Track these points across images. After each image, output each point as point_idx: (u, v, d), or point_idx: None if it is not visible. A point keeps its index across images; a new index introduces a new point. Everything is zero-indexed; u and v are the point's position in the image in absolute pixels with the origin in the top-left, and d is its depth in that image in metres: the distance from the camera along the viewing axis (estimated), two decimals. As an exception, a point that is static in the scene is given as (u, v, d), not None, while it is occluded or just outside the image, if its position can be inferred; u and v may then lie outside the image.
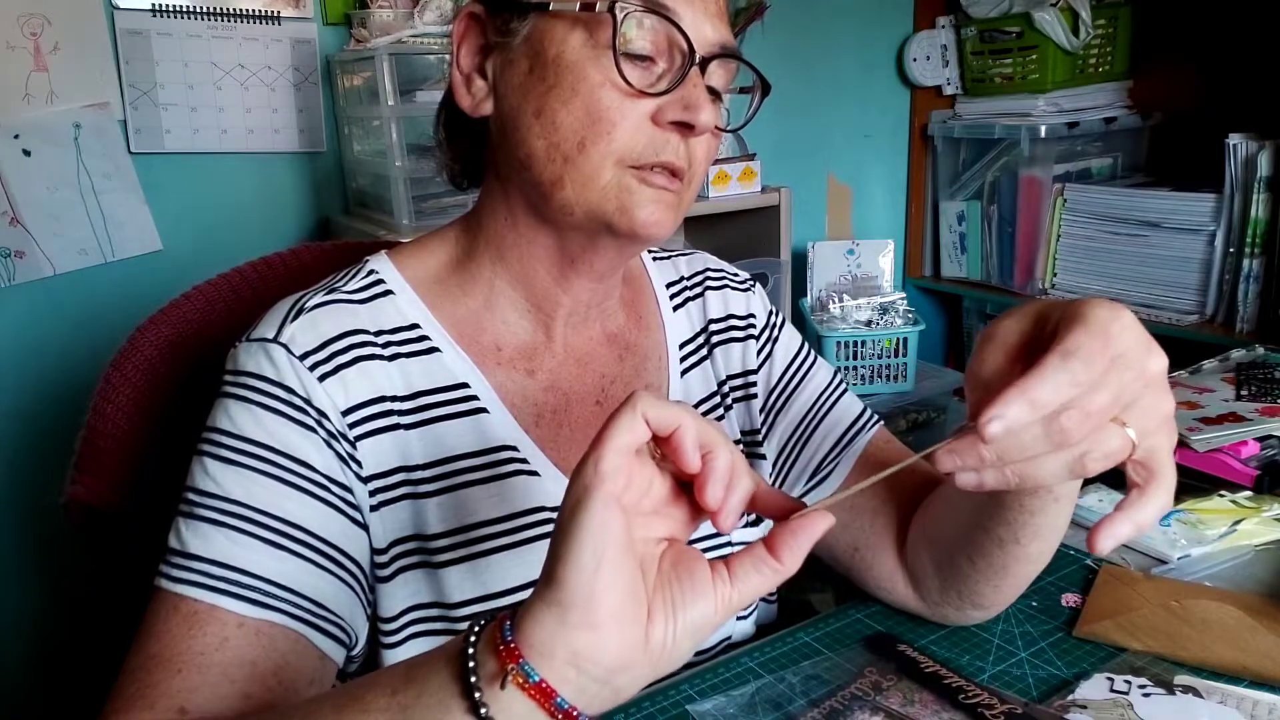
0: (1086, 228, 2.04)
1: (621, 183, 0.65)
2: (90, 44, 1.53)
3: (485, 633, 0.45)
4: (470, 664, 0.44)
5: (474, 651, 0.44)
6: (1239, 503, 0.93)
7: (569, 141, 0.65)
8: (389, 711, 0.46)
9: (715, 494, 0.46)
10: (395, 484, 0.69)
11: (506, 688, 0.42)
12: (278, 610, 0.61)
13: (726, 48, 0.67)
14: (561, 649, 0.43)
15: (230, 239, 1.67)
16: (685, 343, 0.84)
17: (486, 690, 0.43)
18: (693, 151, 0.67)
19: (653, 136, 0.65)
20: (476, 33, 0.70)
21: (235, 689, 0.59)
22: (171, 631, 0.60)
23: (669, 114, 0.64)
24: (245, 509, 0.62)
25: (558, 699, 0.43)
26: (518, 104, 0.67)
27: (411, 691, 0.46)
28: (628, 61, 0.64)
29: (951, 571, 0.72)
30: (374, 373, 0.68)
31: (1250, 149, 1.75)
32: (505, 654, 0.43)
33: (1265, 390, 1.09)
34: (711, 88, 0.68)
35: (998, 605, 0.74)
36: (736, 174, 1.80)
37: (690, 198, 0.70)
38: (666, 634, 0.45)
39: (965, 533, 0.69)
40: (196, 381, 0.81)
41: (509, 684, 0.42)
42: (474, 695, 0.43)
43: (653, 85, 0.65)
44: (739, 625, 0.82)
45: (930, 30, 2.30)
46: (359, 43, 1.61)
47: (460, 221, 0.77)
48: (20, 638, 1.64)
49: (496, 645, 0.43)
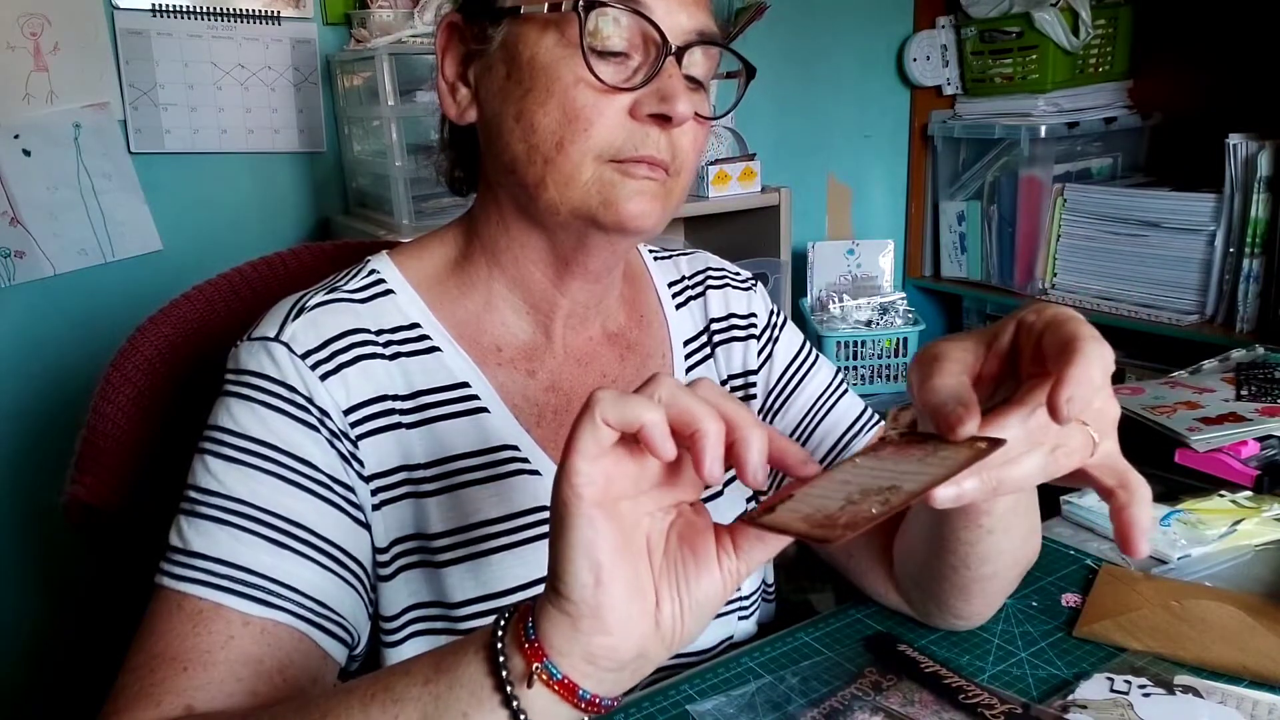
0: (1086, 228, 2.04)
1: (603, 178, 0.65)
2: (90, 44, 1.53)
3: (510, 629, 0.47)
4: (500, 659, 0.46)
5: (501, 647, 0.46)
6: (1239, 503, 0.93)
7: (548, 143, 0.65)
8: (421, 701, 0.48)
9: (712, 470, 0.45)
10: (397, 483, 0.69)
11: (534, 685, 0.45)
12: (282, 609, 0.61)
13: (704, 34, 0.66)
14: (578, 650, 0.45)
15: (230, 239, 1.67)
16: (689, 340, 0.84)
17: (517, 685, 0.46)
18: (676, 142, 0.66)
19: (632, 131, 0.64)
20: (457, 41, 0.71)
21: (242, 687, 0.59)
22: (176, 629, 0.60)
23: (646, 107, 0.64)
24: (248, 507, 0.62)
25: (580, 692, 0.46)
26: (498, 109, 0.68)
27: (443, 682, 0.48)
28: (600, 58, 0.64)
29: (927, 586, 0.73)
30: (375, 372, 0.69)
31: (1250, 149, 1.75)
32: (531, 653, 0.45)
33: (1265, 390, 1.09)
34: (692, 77, 0.67)
35: (977, 617, 0.75)
36: (736, 174, 1.80)
37: (680, 188, 0.69)
38: (675, 617, 0.47)
39: (925, 558, 0.70)
40: (196, 381, 0.81)
41: (535, 681, 0.45)
42: (506, 689, 0.46)
43: (628, 80, 0.64)
44: (740, 625, 0.82)
45: (930, 30, 2.30)
46: (359, 43, 1.61)
47: (458, 223, 0.77)
48: (20, 637, 1.64)
49: (521, 643, 0.46)
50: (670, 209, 0.69)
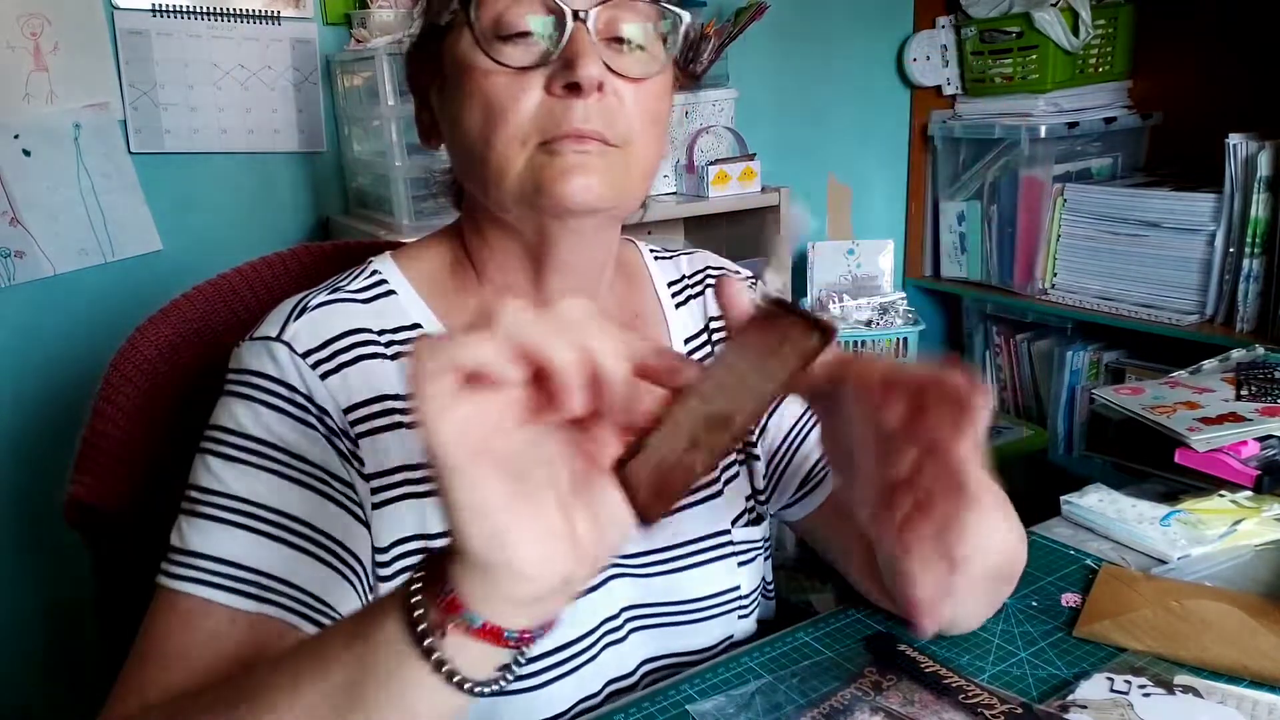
0: (1086, 228, 2.04)
1: (534, 162, 0.63)
2: (90, 44, 1.53)
3: (425, 581, 0.45)
4: (416, 613, 0.44)
5: (416, 602, 0.44)
6: (1239, 503, 0.93)
7: (478, 141, 0.64)
8: (345, 664, 0.47)
9: (569, 403, 0.41)
10: (397, 483, 0.69)
11: (455, 636, 0.43)
12: (272, 603, 0.61)
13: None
14: (496, 596, 0.43)
15: (230, 239, 1.67)
16: (690, 338, 0.84)
17: (436, 638, 0.44)
18: (614, 111, 0.64)
19: (552, 108, 0.63)
20: (416, 70, 0.72)
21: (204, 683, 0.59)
22: (164, 628, 0.60)
23: (558, 80, 0.62)
24: (246, 504, 0.62)
25: (506, 633, 0.44)
26: (447, 124, 0.69)
27: (363, 644, 0.46)
28: (503, 43, 0.63)
29: None
30: (376, 371, 0.69)
31: (1250, 149, 1.75)
32: (446, 605, 0.43)
33: (1265, 390, 1.09)
34: (619, 37, 0.65)
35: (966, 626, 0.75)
36: (736, 174, 1.80)
37: (636, 158, 0.66)
38: (592, 534, 0.44)
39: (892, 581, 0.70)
40: (196, 381, 0.81)
41: (456, 632, 0.43)
42: (424, 643, 0.44)
43: (538, 58, 0.63)
44: (740, 624, 0.82)
45: (930, 30, 2.30)
46: (359, 43, 1.61)
47: (451, 230, 0.78)
48: (20, 637, 1.64)
49: (437, 597, 0.44)
50: (624, 182, 0.66)
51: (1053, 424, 2.18)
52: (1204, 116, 1.99)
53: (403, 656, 0.44)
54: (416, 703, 0.45)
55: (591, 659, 0.73)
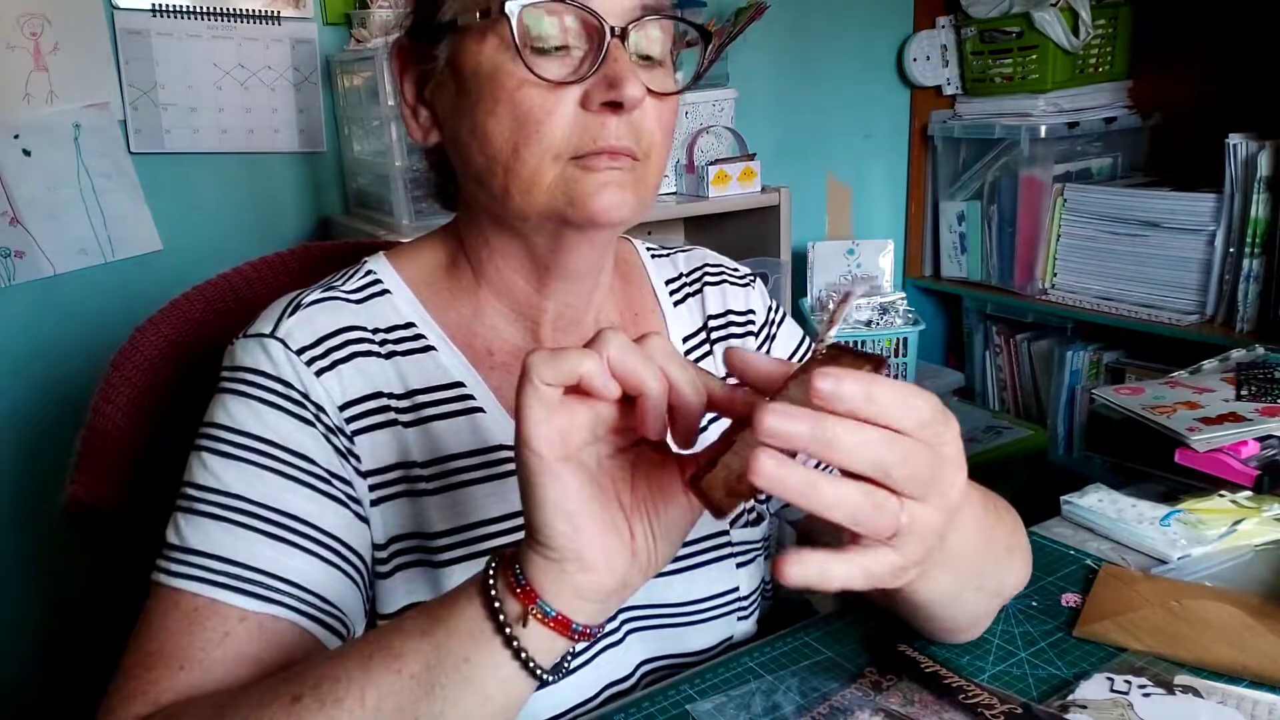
0: (1086, 228, 2.04)
1: (566, 176, 0.63)
2: (90, 44, 1.53)
3: (499, 575, 0.50)
4: (496, 604, 0.49)
5: (495, 593, 0.50)
6: (1239, 503, 0.93)
7: (504, 151, 0.64)
8: (421, 652, 0.50)
9: (652, 426, 0.48)
10: (394, 480, 0.69)
11: (530, 624, 0.49)
12: (280, 604, 0.61)
13: (647, 7, 0.64)
14: (566, 589, 0.49)
15: (230, 239, 1.67)
16: (688, 337, 0.84)
17: (514, 626, 0.49)
18: (638, 125, 0.64)
19: (587, 123, 0.63)
20: (410, 64, 0.71)
21: (240, 683, 0.58)
22: (172, 627, 0.60)
23: (596, 97, 0.62)
24: (245, 503, 0.62)
25: (574, 625, 0.50)
26: (456, 126, 0.68)
27: (441, 632, 0.50)
28: (540, 55, 0.62)
29: None
30: (370, 369, 0.69)
31: (1250, 149, 1.75)
32: (524, 596, 0.49)
33: (1265, 390, 1.08)
34: (646, 55, 0.65)
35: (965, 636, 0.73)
36: (736, 174, 1.80)
37: (653, 171, 0.67)
38: (649, 545, 0.51)
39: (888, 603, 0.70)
40: (197, 381, 0.81)
41: (532, 621, 0.49)
42: (505, 631, 0.49)
43: (574, 72, 0.63)
44: (740, 625, 0.82)
45: (930, 30, 2.30)
46: (359, 43, 1.61)
47: (446, 231, 0.77)
48: (20, 636, 1.64)
49: (514, 588, 0.49)
50: (645, 194, 0.67)
51: (1053, 424, 2.18)
52: (1204, 116, 1.99)
53: (482, 643, 0.49)
54: (492, 688, 0.50)
55: (588, 661, 0.72)
